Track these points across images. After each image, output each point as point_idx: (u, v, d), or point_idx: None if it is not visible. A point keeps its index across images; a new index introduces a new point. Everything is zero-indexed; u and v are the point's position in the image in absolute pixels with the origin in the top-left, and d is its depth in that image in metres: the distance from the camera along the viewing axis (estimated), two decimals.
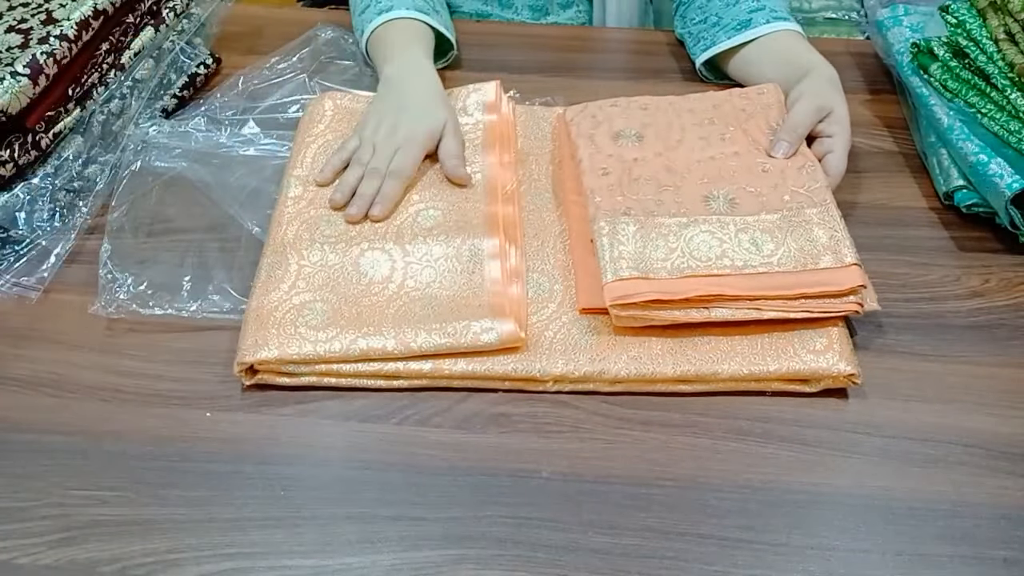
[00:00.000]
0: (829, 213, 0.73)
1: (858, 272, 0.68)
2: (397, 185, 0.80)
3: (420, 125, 0.83)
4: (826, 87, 0.85)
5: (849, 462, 0.64)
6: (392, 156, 0.81)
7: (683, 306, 0.68)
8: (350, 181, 0.80)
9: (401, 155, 0.81)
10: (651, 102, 0.87)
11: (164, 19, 0.92)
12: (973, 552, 0.58)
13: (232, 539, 0.59)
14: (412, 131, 0.83)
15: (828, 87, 0.85)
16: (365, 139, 0.84)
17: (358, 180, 0.80)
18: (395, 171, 0.80)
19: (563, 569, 0.57)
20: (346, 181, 0.81)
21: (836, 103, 0.83)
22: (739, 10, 0.96)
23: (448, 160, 0.82)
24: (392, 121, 0.84)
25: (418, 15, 0.95)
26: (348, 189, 0.80)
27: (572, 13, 1.15)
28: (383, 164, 0.81)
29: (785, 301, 0.68)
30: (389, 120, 0.84)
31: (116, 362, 0.70)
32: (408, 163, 0.81)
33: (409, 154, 0.81)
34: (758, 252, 0.70)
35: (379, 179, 0.80)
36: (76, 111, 0.81)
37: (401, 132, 0.83)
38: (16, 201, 0.76)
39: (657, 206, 0.74)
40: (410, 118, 0.84)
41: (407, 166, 0.81)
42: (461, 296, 0.71)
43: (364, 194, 0.79)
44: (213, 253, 0.78)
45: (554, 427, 0.66)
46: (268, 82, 0.96)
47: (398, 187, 0.80)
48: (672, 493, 0.62)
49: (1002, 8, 0.83)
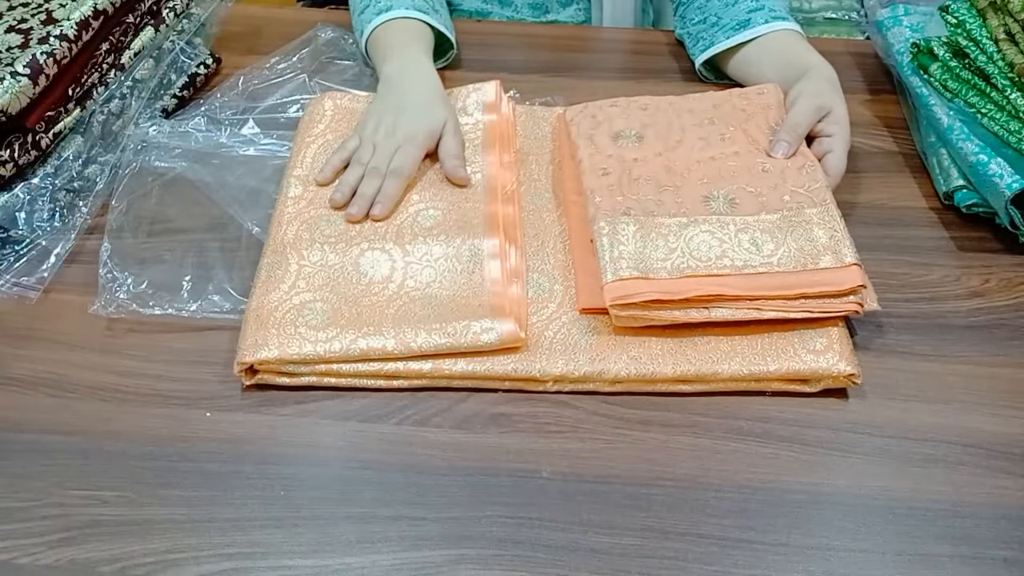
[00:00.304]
0: (829, 213, 0.73)
1: (858, 272, 0.68)
2: (398, 184, 0.80)
3: (420, 124, 0.83)
4: (825, 87, 0.85)
5: (849, 462, 0.64)
6: (392, 155, 0.81)
7: (683, 306, 0.68)
8: (350, 181, 0.80)
9: (401, 154, 0.81)
10: (651, 102, 0.87)
11: (164, 19, 0.92)
12: (973, 552, 0.58)
13: (232, 539, 0.59)
14: (412, 130, 0.83)
15: (827, 87, 0.85)
16: (365, 138, 0.84)
17: (358, 180, 0.80)
18: (395, 170, 0.80)
19: (563, 569, 0.57)
20: (346, 181, 0.81)
21: (835, 103, 0.83)
22: (738, 10, 0.96)
23: (448, 160, 0.82)
24: (392, 120, 0.84)
25: (417, 15, 0.95)
26: (348, 189, 0.80)
27: (572, 11, 1.15)
28: (383, 163, 0.81)
29: (785, 301, 0.68)
30: (389, 119, 0.84)
31: (116, 362, 0.70)
32: (408, 162, 0.81)
33: (409, 153, 0.81)
34: (758, 252, 0.70)
35: (379, 178, 0.80)
36: (76, 111, 0.81)
37: (401, 131, 0.83)
38: (16, 201, 0.76)
39: (657, 206, 0.74)
40: (410, 117, 0.84)
41: (407, 165, 0.81)
42: (461, 296, 0.71)
43: (365, 193, 0.79)
44: (213, 253, 0.78)
45: (554, 427, 0.66)
46: (268, 82, 0.96)
47: (399, 186, 0.80)
48: (672, 493, 0.62)
49: (1002, 8, 0.83)
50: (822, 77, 0.86)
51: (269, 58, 0.98)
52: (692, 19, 1.02)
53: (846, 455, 0.64)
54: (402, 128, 0.83)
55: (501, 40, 1.09)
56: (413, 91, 0.87)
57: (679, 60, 1.05)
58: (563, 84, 0.99)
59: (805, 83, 0.85)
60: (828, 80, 0.86)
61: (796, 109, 0.82)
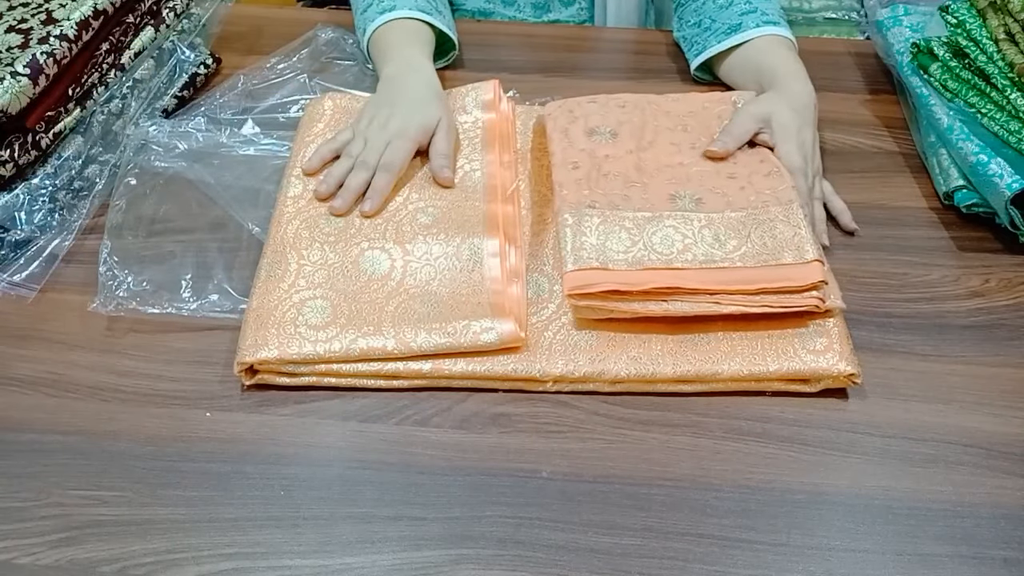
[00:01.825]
0: (793, 212, 0.73)
1: (819, 268, 0.68)
2: (388, 178, 0.79)
3: (412, 119, 0.83)
4: (775, 101, 0.84)
5: (849, 462, 0.64)
6: (383, 149, 0.81)
7: (642, 298, 0.68)
8: (336, 173, 0.80)
9: (391, 149, 0.81)
10: (630, 100, 0.87)
11: (164, 19, 0.92)
12: (973, 552, 0.58)
13: (232, 539, 0.59)
14: (404, 124, 0.82)
15: (777, 101, 0.84)
16: (358, 132, 0.83)
17: (346, 172, 0.80)
18: (385, 164, 0.80)
19: (563, 569, 0.57)
20: (332, 173, 0.80)
21: (776, 111, 0.82)
22: (731, 13, 0.97)
23: (435, 159, 0.82)
24: (386, 115, 0.84)
25: (420, 15, 0.95)
26: (334, 181, 0.80)
27: (574, 10, 1.15)
28: (373, 157, 0.80)
29: (745, 296, 0.68)
30: (383, 114, 0.84)
31: (116, 362, 0.70)
32: (398, 156, 0.80)
33: (399, 147, 0.81)
34: (721, 247, 0.70)
35: (367, 171, 0.79)
36: (76, 111, 0.81)
37: (393, 125, 0.82)
38: (16, 201, 0.76)
39: (623, 201, 0.74)
40: (403, 112, 0.83)
41: (397, 159, 0.80)
42: (461, 295, 0.71)
43: (350, 186, 0.79)
44: (213, 253, 0.78)
45: (554, 427, 0.66)
46: (268, 82, 0.96)
47: (389, 180, 0.79)
48: (672, 493, 0.62)
49: (1002, 8, 0.83)
50: (782, 94, 0.85)
51: (269, 58, 0.98)
52: (688, 21, 1.02)
53: (846, 455, 0.64)
54: (394, 122, 0.83)
55: (501, 40, 1.09)
56: (409, 88, 0.87)
57: (679, 60, 1.05)
58: (563, 84, 0.99)
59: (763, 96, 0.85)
60: (787, 97, 0.85)
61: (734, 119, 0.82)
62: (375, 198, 0.78)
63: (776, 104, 0.83)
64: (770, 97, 0.85)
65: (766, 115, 0.82)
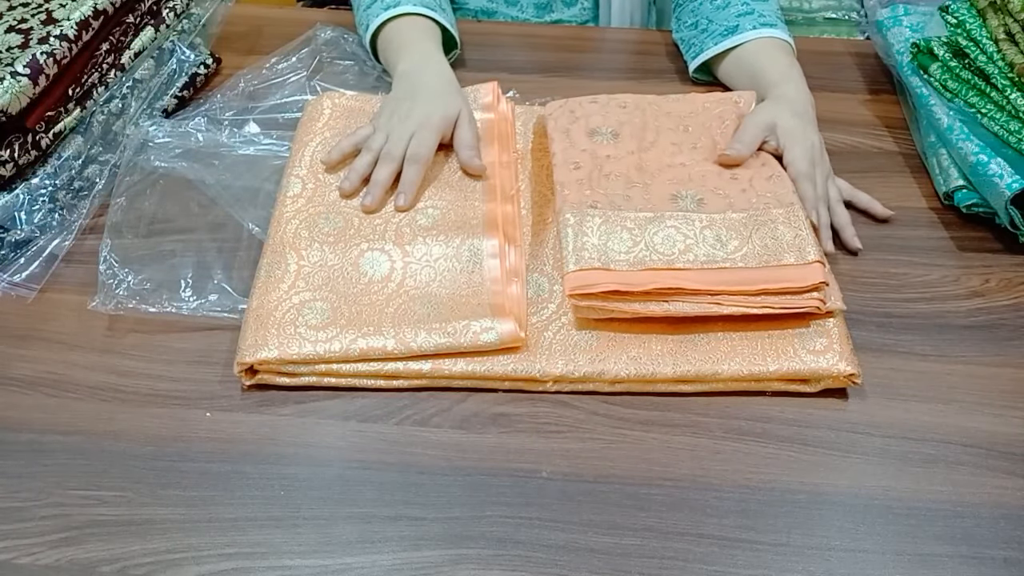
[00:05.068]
0: (795, 213, 0.73)
1: (820, 269, 0.68)
2: (418, 169, 0.78)
3: (435, 109, 0.82)
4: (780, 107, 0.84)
5: (849, 462, 0.64)
6: (407, 141, 0.80)
7: (643, 299, 0.68)
8: (359, 168, 0.79)
9: (417, 140, 0.80)
10: (631, 100, 0.87)
11: (164, 19, 0.92)
12: (973, 552, 0.58)
13: (232, 539, 0.59)
14: (427, 115, 0.81)
15: (780, 110, 0.84)
16: (379, 127, 0.82)
17: (368, 167, 0.79)
18: (412, 156, 0.79)
19: (563, 569, 0.57)
20: (355, 168, 0.79)
21: (780, 117, 0.82)
22: (728, 14, 0.97)
23: (463, 150, 0.81)
24: (407, 107, 0.83)
25: (425, 11, 0.95)
26: (358, 176, 0.79)
27: (576, 10, 1.15)
28: (398, 149, 0.79)
29: (746, 297, 0.68)
30: (404, 107, 0.83)
31: (116, 362, 0.70)
32: (424, 147, 0.79)
33: (424, 138, 0.80)
34: (722, 248, 0.70)
35: (393, 164, 0.79)
36: (76, 111, 0.81)
37: (415, 116, 0.81)
38: (16, 201, 0.76)
39: (625, 201, 0.74)
40: (424, 102, 0.83)
41: (423, 150, 0.79)
42: (461, 295, 0.71)
43: (378, 181, 0.78)
44: (213, 253, 0.78)
45: (554, 427, 0.66)
46: (268, 82, 0.96)
47: (419, 171, 0.78)
48: (672, 493, 0.62)
49: (1002, 8, 0.83)
50: (779, 99, 0.86)
51: (269, 58, 0.98)
52: (686, 22, 1.02)
53: (846, 455, 0.64)
54: (417, 112, 0.82)
55: (502, 40, 1.09)
56: (428, 80, 0.86)
57: (679, 61, 1.05)
58: (564, 84, 0.99)
59: (763, 104, 0.86)
60: (787, 102, 0.85)
61: (742, 126, 0.82)
62: (408, 191, 0.77)
63: (778, 111, 0.83)
64: (771, 105, 0.85)
65: (770, 123, 0.82)
